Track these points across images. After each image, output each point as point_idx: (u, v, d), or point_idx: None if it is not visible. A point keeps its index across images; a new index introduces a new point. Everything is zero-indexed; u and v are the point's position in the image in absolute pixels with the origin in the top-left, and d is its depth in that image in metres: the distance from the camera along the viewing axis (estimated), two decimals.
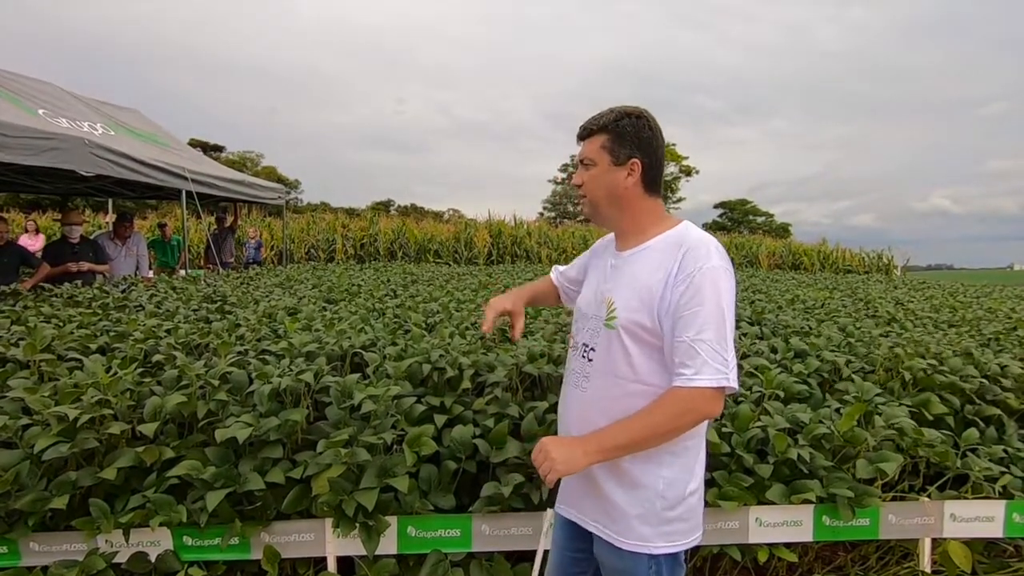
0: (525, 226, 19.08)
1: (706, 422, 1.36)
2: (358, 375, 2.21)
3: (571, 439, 1.34)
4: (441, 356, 2.49)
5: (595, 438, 1.29)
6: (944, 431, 2.54)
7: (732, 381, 1.20)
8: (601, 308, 1.38)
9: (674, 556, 1.35)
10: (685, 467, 1.32)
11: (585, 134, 1.39)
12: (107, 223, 10.48)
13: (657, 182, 1.38)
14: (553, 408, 2.44)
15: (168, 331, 2.89)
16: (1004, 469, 2.39)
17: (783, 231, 41.57)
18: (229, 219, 9.72)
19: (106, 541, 1.89)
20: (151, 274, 7.60)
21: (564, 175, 51.29)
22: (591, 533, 1.43)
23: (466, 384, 2.40)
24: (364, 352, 2.59)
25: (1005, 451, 2.53)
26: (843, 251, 21.56)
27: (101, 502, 1.84)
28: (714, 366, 1.19)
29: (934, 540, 2.24)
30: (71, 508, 1.92)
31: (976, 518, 2.21)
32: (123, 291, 4.61)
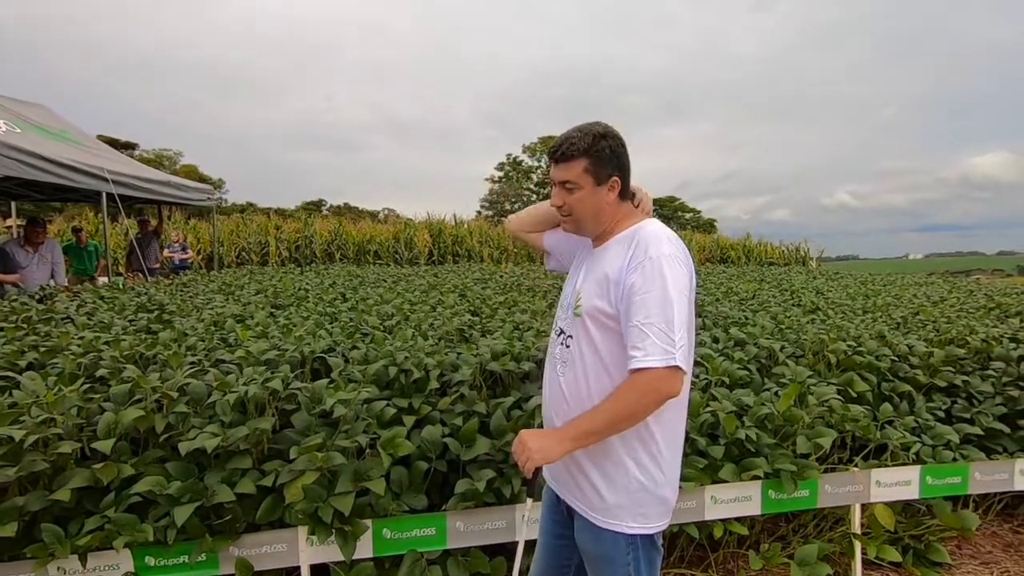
0: (466, 225, 19.06)
1: (684, 408, 1.46)
2: (326, 380, 2.19)
3: (547, 431, 1.42)
4: (406, 358, 2.50)
5: (568, 427, 1.37)
6: (865, 406, 2.83)
7: (679, 360, 1.26)
8: (573, 298, 1.48)
9: (651, 538, 1.43)
10: (660, 452, 1.41)
11: (563, 158, 1.43)
12: (9, 228, 9.56)
13: (628, 189, 1.49)
14: (517, 404, 2.51)
15: (107, 343, 2.72)
16: (916, 438, 2.70)
17: (710, 227, 43.60)
18: (153, 222, 9.14)
19: (58, 569, 1.78)
20: (66, 282, 7.02)
21: (501, 174, 51.58)
22: (574, 520, 1.50)
23: (433, 384, 2.42)
24: (327, 357, 2.55)
25: (916, 422, 2.85)
26: (765, 245, 23.00)
27: (54, 526, 1.74)
28: (662, 347, 1.25)
29: (863, 505, 2.49)
30: (15, 537, 1.80)
31: (897, 483, 2.48)
32: (39, 300, 4.26)
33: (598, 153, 1.41)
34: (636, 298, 1.30)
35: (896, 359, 3.34)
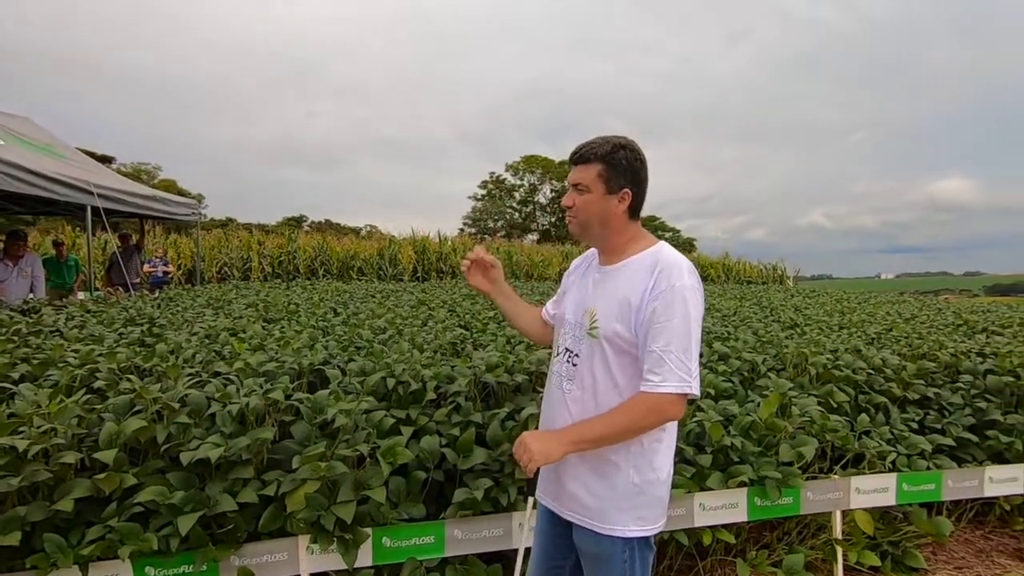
0: (449, 242, 19.14)
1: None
2: (328, 391, 2.23)
3: (548, 433, 1.48)
4: (404, 370, 2.56)
5: (570, 431, 1.44)
6: (843, 417, 2.95)
7: (694, 389, 1.36)
8: (584, 318, 1.51)
9: (646, 539, 1.50)
10: (656, 456, 1.48)
11: (581, 160, 1.49)
12: None
13: (640, 208, 1.53)
14: (510, 415, 2.57)
15: (102, 356, 2.72)
16: (892, 448, 2.82)
17: (689, 246, 44.18)
18: (135, 237, 9.05)
19: None
20: (45, 296, 6.90)
21: (484, 192, 52.00)
22: (572, 525, 1.56)
23: (430, 395, 2.48)
24: (324, 369, 2.59)
25: (892, 432, 2.97)
26: (743, 263, 23.49)
27: (56, 536, 1.74)
28: (679, 374, 1.34)
29: (843, 512, 2.59)
30: (12, 548, 1.79)
31: (875, 489, 2.59)
32: (23, 313, 4.20)
33: (614, 162, 1.45)
34: (656, 325, 1.36)
35: (872, 372, 3.48)
